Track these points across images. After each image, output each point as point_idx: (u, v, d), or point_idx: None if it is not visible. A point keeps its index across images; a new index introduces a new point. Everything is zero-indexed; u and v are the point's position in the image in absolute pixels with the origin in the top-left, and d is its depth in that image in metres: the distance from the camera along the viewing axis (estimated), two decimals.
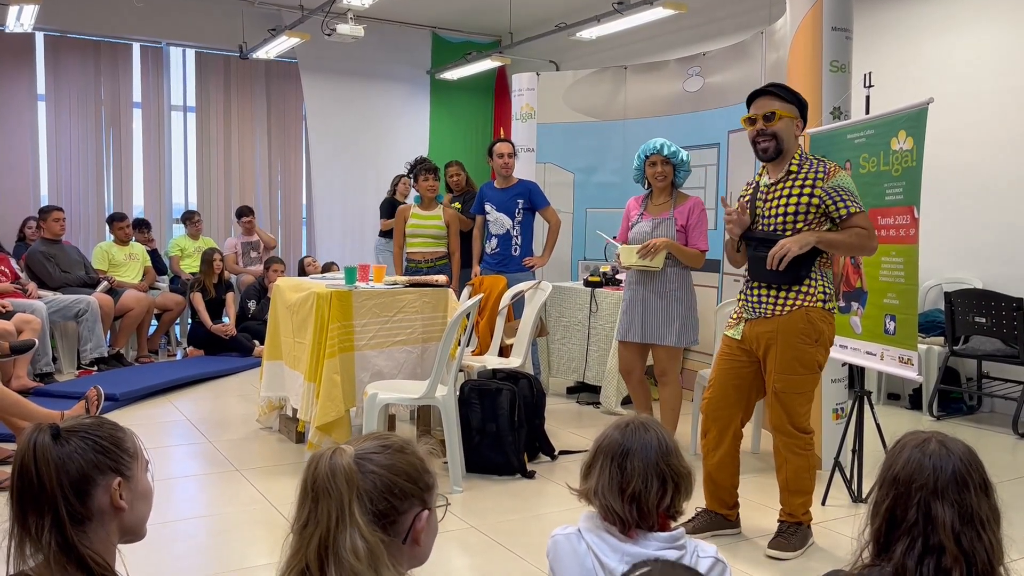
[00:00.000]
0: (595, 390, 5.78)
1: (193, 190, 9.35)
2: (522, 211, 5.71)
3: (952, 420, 5.49)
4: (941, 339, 5.64)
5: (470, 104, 10.60)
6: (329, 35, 7.78)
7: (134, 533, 1.49)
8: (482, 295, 5.07)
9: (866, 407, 3.80)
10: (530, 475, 4.15)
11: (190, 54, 9.22)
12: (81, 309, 6.54)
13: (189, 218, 8.33)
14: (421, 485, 1.41)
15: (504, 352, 5.14)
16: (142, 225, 8.16)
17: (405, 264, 5.97)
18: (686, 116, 6.00)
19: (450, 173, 6.84)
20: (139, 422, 5.03)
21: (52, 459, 1.37)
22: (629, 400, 5.19)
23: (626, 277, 4.55)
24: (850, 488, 3.83)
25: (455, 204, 6.45)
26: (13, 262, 6.65)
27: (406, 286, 4.48)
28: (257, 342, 7.04)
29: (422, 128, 10.32)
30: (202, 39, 9.06)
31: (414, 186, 6.02)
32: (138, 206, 9.02)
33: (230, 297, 7.57)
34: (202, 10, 8.94)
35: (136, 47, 8.93)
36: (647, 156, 4.35)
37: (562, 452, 4.51)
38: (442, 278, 4.64)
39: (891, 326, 3.58)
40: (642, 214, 4.43)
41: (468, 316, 4.12)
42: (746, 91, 3.49)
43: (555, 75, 6.83)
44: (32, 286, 6.47)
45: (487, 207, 5.78)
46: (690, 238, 4.31)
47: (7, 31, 7.43)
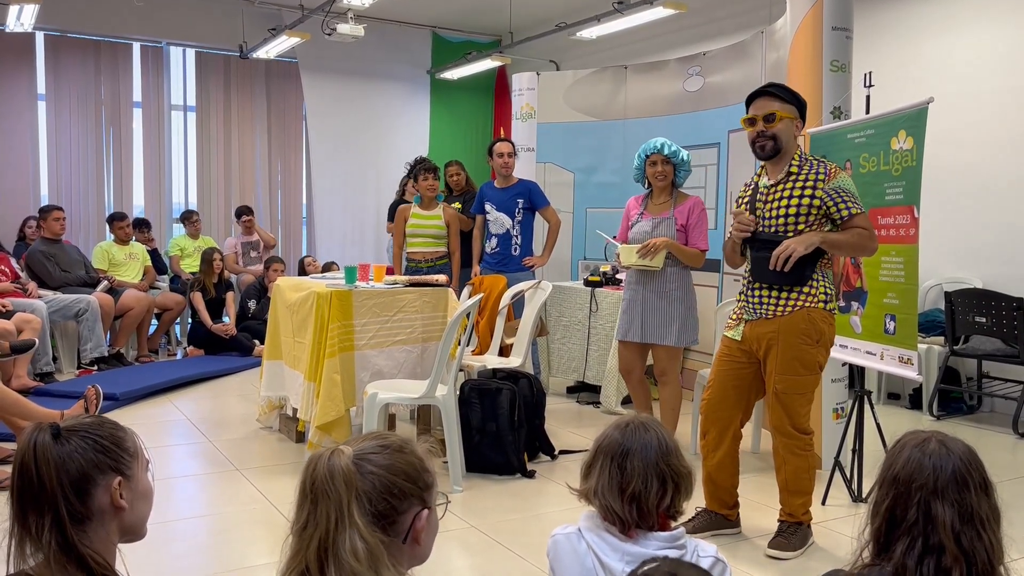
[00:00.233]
0: (595, 390, 5.78)
1: (193, 190, 9.34)
2: (522, 211, 5.71)
3: (952, 420, 5.49)
4: (941, 339, 5.64)
5: (470, 104, 10.59)
6: (329, 35, 7.78)
7: (134, 532, 1.49)
8: (482, 295, 5.07)
9: (866, 407, 3.80)
10: (530, 475, 4.16)
11: (190, 54, 9.22)
12: (81, 309, 6.54)
13: (188, 218, 8.33)
14: (420, 484, 1.41)
15: (504, 352, 5.14)
16: (142, 225, 8.17)
17: (405, 264, 5.97)
18: (686, 116, 6.00)
19: (450, 173, 6.83)
20: (139, 421, 5.03)
21: (52, 458, 1.37)
22: (629, 400, 5.19)
23: (626, 277, 4.55)
24: (850, 488, 3.83)
25: (455, 204, 6.44)
26: (13, 261, 6.65)
27: (406, 286, 4.48)
28: (257, 342, 7.04)
29: (422, 128, 10.31)
30: (202, 39, 9.06)
31: (414, 186, 6.01)
32: (138, 206, 9.02)
33: (230, 297, 7.58)
34: (202, 10, 8.93)
35: (136, 47, 8.93)
36: (647, 155, 4.35)
37: (562, 452, 4.51)
38: (442, 278, 4.64)
39: (891, 326, 3.58)
40: (642, 214, 4.43)
41: (468, 316, 4.12)
42: (746, 91, 3.48)
43: (555, 75, 6.83)
44: (32, 285, 6.48)
45: (487, 207, 5.78)
46: (690, 238, 4.31)
47: (7, 31, 7.43)
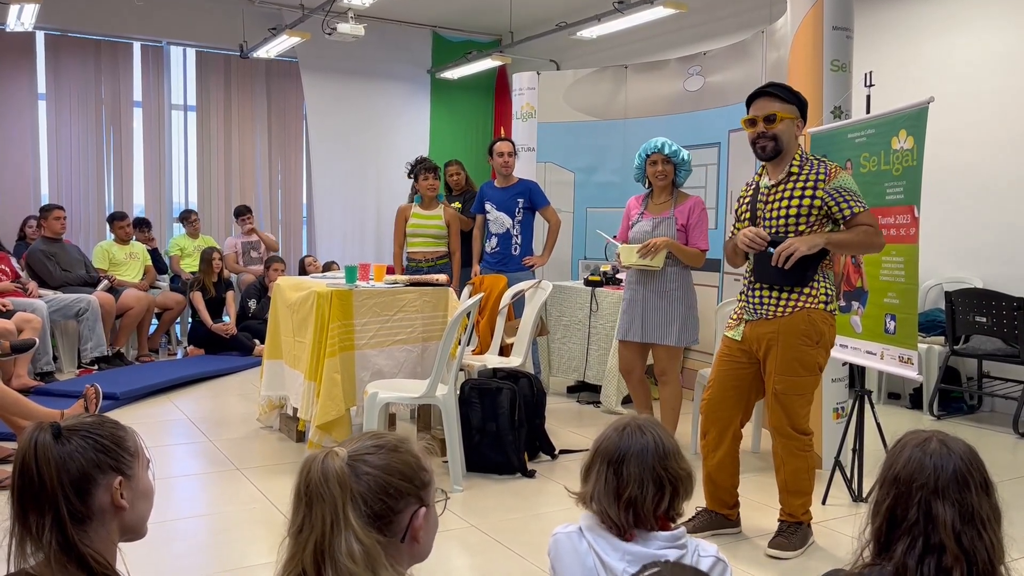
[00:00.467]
0: (595, 389, 5.78)
1: (193, 189, 9.34)
2: (522, 210, 5.71)
3: (952, 419, 5.49)
4: (941, 338, 5.64)
5: (470, 103, 10.59)
6: (330, 34, 7.77)
7: (135, 532, 1.49)
8: (482, 294, 5.07)
9: (866, 406, 3.80)
10: (530, 474, 4.15)
11: (190, 53, 9.21)
12: (82, 308, 6.54)
13: (187, 218, 8.33)
14: (417, 483, 1.40)
15: (504, 351, 5.14)
16: (142, 224, 8.17)
17: (406, 263, 5.97)
18: (686, 115, 6.00)
19: (449, 172, 6.81)
20: (139, 421, 5.03)
21: (53, 458, 1.37)
22: (629, 399, 5.19)
23: (626, 276, 4.55)
24: (850, 487, 3.83)
25: (455, 204, 6.43)
26: (14, 261, 6.65)
27: (406, 285, 4.48)
28: (257, 341, 7.04)
29: (422, 127, 10.31)
30: (202, 38, 9.06)
31: (415, 185, 6.01)
32: (138, 205, 9.02)
33: (230, 296, 7.58)
34: (203, 9, 8.93)
35: (137, 46, 8.92)
36: (648, 155, 4.35)
37: (562, 451, 4.51)
38: (442, 277, 4.64)
39: (891, 325, 3.58)
40: (642, 213, 4.43)
41: (468, 315, 4.12)
42: (747, 90, 3.48)
43: (555, 74, 6.83)
44: (33, 285, 6.48)
45: (487, 206, 5.78)
46: (690, 237, 4.31)
47: (8, 30, 7.43)
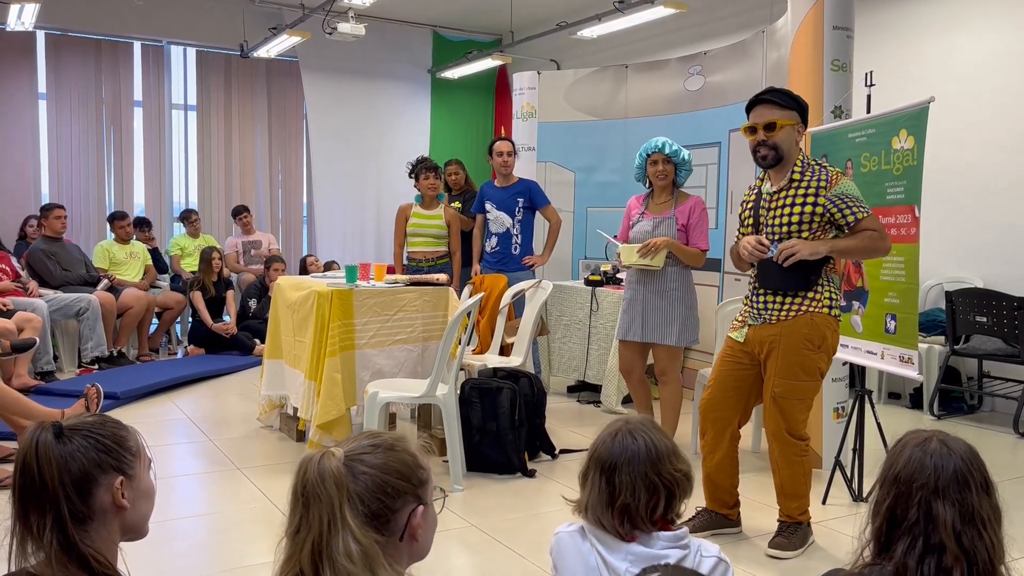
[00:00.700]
0: (596, 389, 5.78)
1: (194, 189, 9.34)
2: (522, 210, 5.71)
3: (953, 419, 5.49)
4: (942, 338, 5.64)
5: (471, 103, 10.58)
6: (330, 34, 7.77)
7: (136, 531, 1.49)
8: (483, 294, 5.07)
9: (867, 406, 3.80)
10: (531, 474, 4.16)
11: (191, 53, 9.21)
12: (82, 307, 6.54)
13: (187, 217, 8.33)
14: (414, 481, 1.40)
15: (505, 351, 5.15)
16: (143, 224, 8.16)
17: (406, 263, 5.97)
18: (687, 115, 6.00)
19: (449, 172, 6.79)
20: (140, 420, 5.03)
21: (54, 457, 1.37)
22: (630, 399, 5.19)
23: (627, 276, 4.55)
24: (851, 487, 3.83)
25: (455, 204, 6.43)
26: (14, 260, 6.65)
27: (407, 285, 4.48)
28: (258, 341, 7.04)
29: (423, 127, 10.31)
30: (203, 38, 9.06)
31: (415, 185, 6.00)
32: (139, 204, 9.01)
33: (230, 296, 7.58)
34: (203, 9, 8.93)
35: (137, 46, 8.92)
36: (648, 155, 4.34)
37: (563, 451, 4.51)
38: (443, 277, 4.64)
39: (892, 325, 3.58)
40: (643, 213, 4.43)
41: (469, 315, 4.12)
42: (747, 90, 3.49)
43: (556, 74, 6.83)
44: (33, 284, 6.48)
45: (487, 206, 5.78)
46: (691, 237, 4.31)
47: (8, 30, 7.42)
